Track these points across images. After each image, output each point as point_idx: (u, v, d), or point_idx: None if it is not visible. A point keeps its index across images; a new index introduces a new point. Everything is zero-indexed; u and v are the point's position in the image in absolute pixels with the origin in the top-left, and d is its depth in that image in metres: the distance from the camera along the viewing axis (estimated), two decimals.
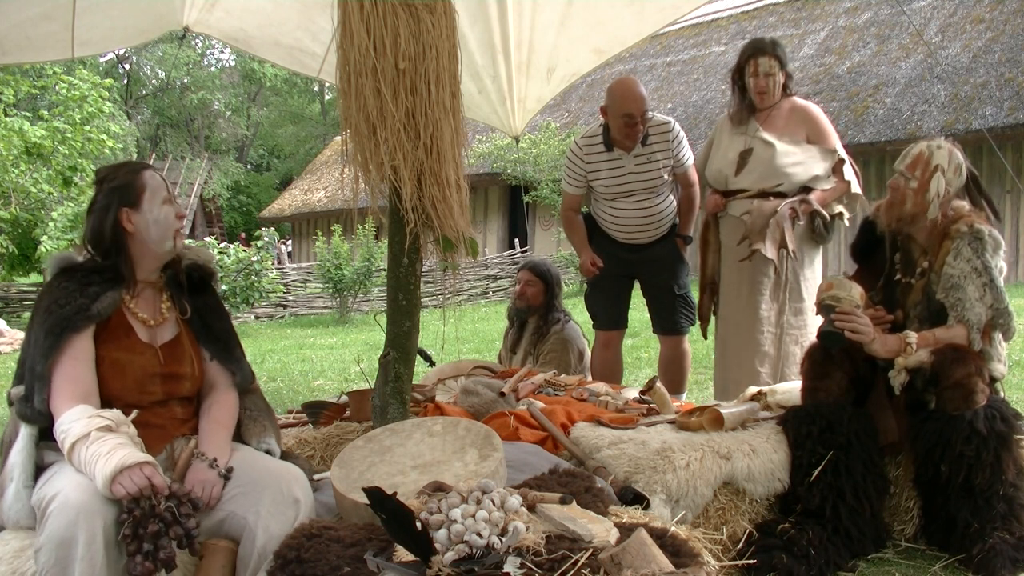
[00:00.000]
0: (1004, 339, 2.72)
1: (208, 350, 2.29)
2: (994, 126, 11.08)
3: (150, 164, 2.30)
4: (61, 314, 2.05)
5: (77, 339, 2.05)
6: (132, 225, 2.15)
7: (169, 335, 2.23)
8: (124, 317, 2.16)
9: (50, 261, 2.22)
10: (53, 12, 3.81)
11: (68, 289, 2.10)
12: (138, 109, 34.62)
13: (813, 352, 2.85)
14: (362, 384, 3.86)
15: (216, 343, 2.30)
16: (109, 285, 2.14)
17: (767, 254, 3.42)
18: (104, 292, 2.11)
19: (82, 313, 2.06)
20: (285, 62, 4.80)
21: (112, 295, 2.13)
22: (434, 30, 2.42)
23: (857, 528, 2.60)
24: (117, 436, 1.89)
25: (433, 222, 2.51)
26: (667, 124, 3.91)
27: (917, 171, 2.73)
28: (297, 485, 2.09)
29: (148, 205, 2.17)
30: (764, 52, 3.57)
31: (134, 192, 2.16)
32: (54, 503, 1.81)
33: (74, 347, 2.04)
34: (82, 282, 2.11)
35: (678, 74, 16.75)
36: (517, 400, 3.17)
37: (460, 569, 1.65)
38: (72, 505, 1.79)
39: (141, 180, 2.18)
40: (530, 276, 4.40)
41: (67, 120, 12.31)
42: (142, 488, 1.80)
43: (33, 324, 2.10)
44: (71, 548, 1.75)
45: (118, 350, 2.12)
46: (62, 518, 1.77)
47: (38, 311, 2.10)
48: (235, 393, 2.30)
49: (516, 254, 15.62)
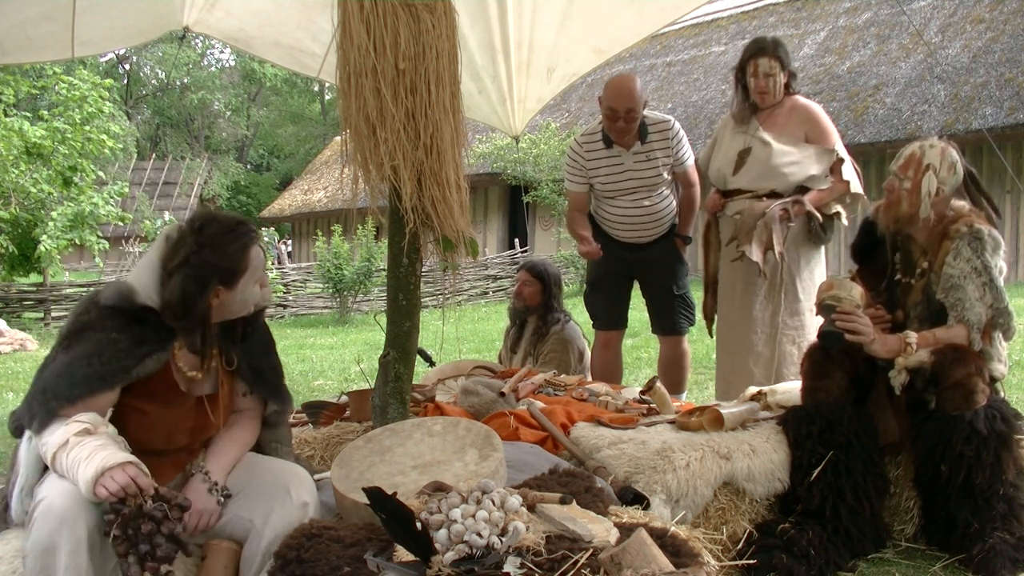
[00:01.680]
0: (1004, 339, 2.72)
1: (255, 389, 2.19)
2: (994, 126, 11.07)
3: (255, 232, 2.06)
4: (100, 371, 1.90)
5: (105, 395, 1.93)
6: (219, 300, 2.01)
7: (209, 388, 2.11)
8: (169, 373, 2.03)
9: (106, 291, 2.01)
10: (53, 12, 3.81)
11: (116, 345, 1.92)
12: (138, 109, 34.62)
13: (813, 352, 2.85)
14: (362, 384, 3.85)
15: (265, 384, 2.20)
16: (161, 346, 1.98)
17: (751, 256, 3.40)
18: (153, 354, 1.96)
19: (120, 375, 1.92)
20: (285, 62, 4.80)
21: (160, 357, 1.98)
22: (434, 30, 2.42)
23: (857, 528, 2.60)
24: (96, 438, 1.82)
25: (433, 222, 2.51)
26: (667, 122, 3.91)
27: (910, 171, 2.73)
28: (304, 488, 2.08)
29: (243, 285, 2.03)
30: (765, 52, 3.57)
31: (236, 274, 2.01)
32: (39, 509, 1.78)
33: (96, 400, 1.91)
34: (135, 339, 1.95)
35: (678, 74, 16.75)
36: (517, 400, 3.17)
37: (460, 569, 1.65)
38: (55, 511, 1.75)
39: (246, 260, 2.02)
40: (527, 276, 4.40)
41: (67, 120, 12.29)
42: (125, 487, 1.73)
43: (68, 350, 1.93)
44: (55, 555, 1.72)
45: (153, 403, 2.02)
46: (45, 525, 1.74)
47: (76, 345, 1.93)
48: (259, 419, 2.23)
49: (516, 254, 15.61)
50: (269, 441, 2.26)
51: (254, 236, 2.06)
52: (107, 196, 12.68)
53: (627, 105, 3.73)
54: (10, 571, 1.88)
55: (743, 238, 3.45)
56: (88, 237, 12.33)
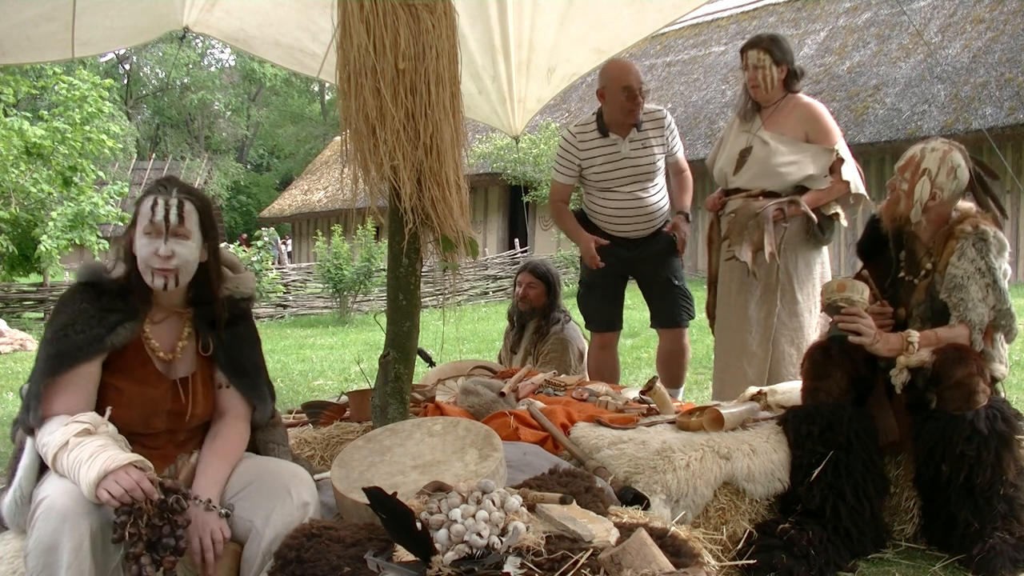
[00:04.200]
0: (1006, 340, 2.73)
1: (232, 382, 2.17)
2: (994, 126, 11.07)
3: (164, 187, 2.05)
4: (73, 341, 1.95)
5: (84, 367, 1.95)
6: (133, 251, 2.03)
7: (184, 371, 2.11)
8: (142, 347, 2.06)
9: (79, 269, 2.09)
10: (53, 12, 3.81)
11: (87, 314, 1.98)
12: (138, 109, 34.62)
13: (813, 352, 2.86)
14: (362, 384, 3.85)
15: (243, 377, 2.18)
16: (131, 314, 2.02)
17: (740, 256, 3.39)
18: (123, 322, 2.00)
19: (95, 345, 1.96)
20: (285, 62, 4.80)
21: (131, 326, 2.01)
22: (434, 30, 2.41)
23: (857, 528, 2.60)
24: (97, 438, 1.82)
25: (433, 222, 2.51)
26: (660, 111, 3.97)
27: (907, 173, 2.76)
28: (305, 488, 2.08)
29: (136, 235, 2.02)
30: (754, 46, 3.60)
31: (133, 223, 2.03)
32: (40, 508, 1.78)
33: (78, 374, 1.95)
34: (104, 307, 2.00)
35: (678, 74, 16.74)
36: (517, 400, 3.17)
37: (460, 569, 1.65)
38: (58, 510, 1.75)
39: (137, 210, 2.03)
40: (531, 278, 4.39)
41: (67, 120, 12.29)
42: (130, 491, 1.72)
43: (48, 329, 1.99)
44: (57, 554, 1.72)
45: (128, 380, 2.03)
46: (48, 524, 1.74)
47: (52, 324, 2.00)
48: (246, 424, 2.19)
49: (516, 254, 15.61)
50: (265, 442, 2.25)
51: (158, 190, 2.04)
52: (107, 196, 12.69)
53: (640, 79, 3.82)
54: (10, 571, 1.89)
55: (734, 238, 3.44)
56: (88, 237, 12.34)
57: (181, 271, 2.02)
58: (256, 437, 2.26)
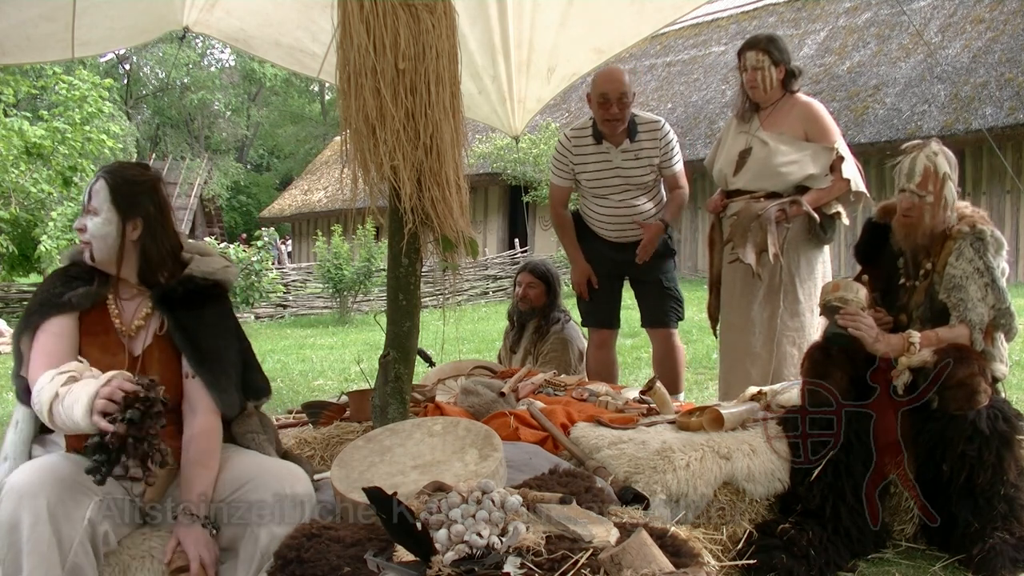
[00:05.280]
0: (1006, 339, 2.73)
1: (192, 369, 2.14)
2: (994, 126, 11.08)
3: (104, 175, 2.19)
4: (39, 299, 2.12)
5: (57, 319, 2.07)
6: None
7: (140, 348, 2.15)
8: (106, 314, 2.15)
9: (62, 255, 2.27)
10: (53, 12, 3.81)
11: (52, 281, 2.16)
12: (138, 109, 34.61)
13: (813, 352, 2.85)
14: (362, 384, 3.85)
15: (200, 365, 2.13)
16: (93, 284, 2.15)
17: (744, 259, 3.38)
18: (83, 286, 2.13)
19: (56, 299, 2.09)
20: (285, 62, 4.80)
21: (91, 289, 2.14)
22: (434, 30, 2.41)
23: (857, 528, 2.60)
24: (84, 383, 1.84)
25: (433, 222, 2.51)
26: (657, 122, 3.91)
27: (930, 185, 2.69)
28: (300, 486, 2.08)
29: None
30: (752, 47, 3.59)
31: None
32: (3, 491, 1.84)
33: (53, 324, 2.06)
34: (70, 276, 2.15)
35: (678, 74, 16.74)
36: (517, 400, 3.17)
37: (460, 569, 1.65)
38: (16, 488, 1.81)
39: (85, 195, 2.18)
40: (531, 278, 4.39)
41: (67, 120, 12.31)
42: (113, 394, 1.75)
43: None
44: (19, 531, 1.78)
45: (94, 347, 2.11)
46: (9, 503, 1.80)
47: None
48: (216, 416, 2.14)
49: (516, 254, 15.61)
50: (244, 433, 2.23)
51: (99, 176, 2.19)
52: None
53: (619, 90, 3.72)
54: None
55: (737, 240, 3.44)
56: None
57: (93, 244, 2.14)
58: (231, 430, 2.23)
